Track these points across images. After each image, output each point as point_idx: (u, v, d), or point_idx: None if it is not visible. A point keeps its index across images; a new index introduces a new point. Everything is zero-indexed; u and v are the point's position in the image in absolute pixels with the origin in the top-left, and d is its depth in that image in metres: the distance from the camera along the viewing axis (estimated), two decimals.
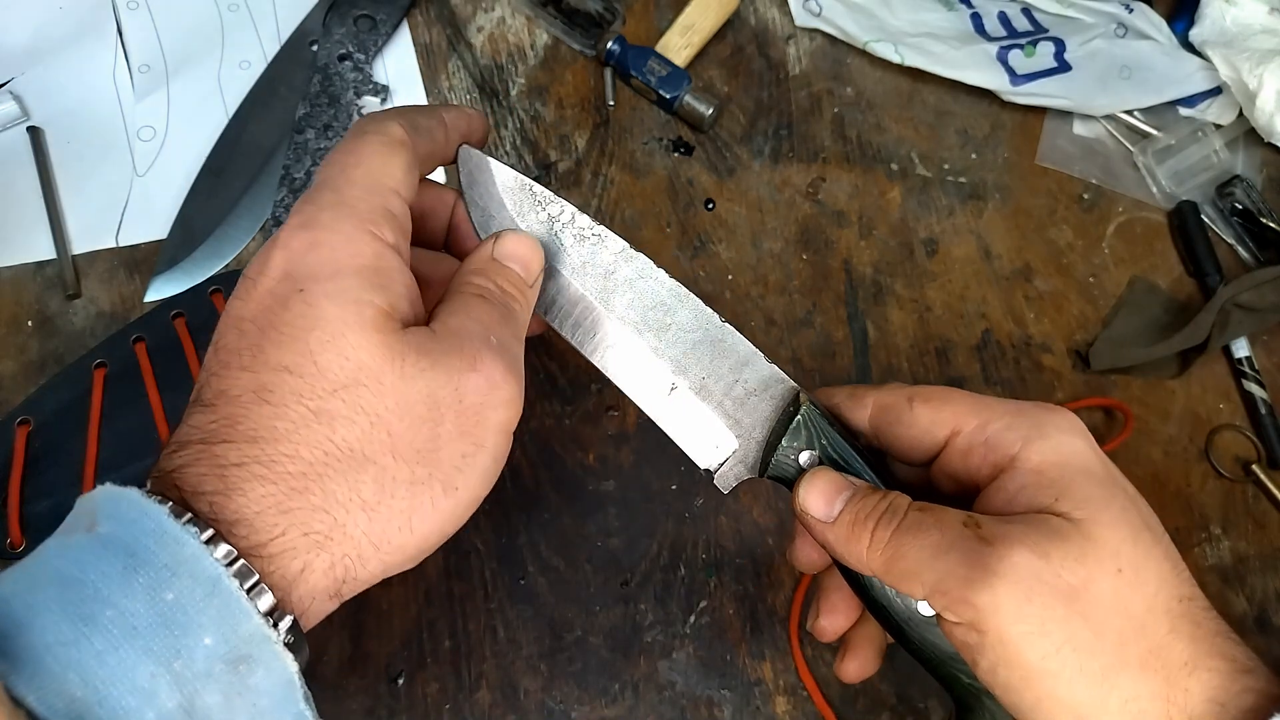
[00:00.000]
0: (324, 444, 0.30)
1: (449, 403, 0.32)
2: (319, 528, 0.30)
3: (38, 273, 0.55)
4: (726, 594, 0.51)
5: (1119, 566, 0.31)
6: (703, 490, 0.53)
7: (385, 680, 0.48)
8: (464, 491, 0.32)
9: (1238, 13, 0.66)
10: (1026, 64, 0.65)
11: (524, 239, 0.37)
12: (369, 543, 0.31)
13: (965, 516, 0.33)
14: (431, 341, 0.32)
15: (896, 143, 0.65)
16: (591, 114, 0.63)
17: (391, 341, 0.31)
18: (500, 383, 0.33)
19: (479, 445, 0.33)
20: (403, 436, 0.31)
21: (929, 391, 0.37)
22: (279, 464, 0.29)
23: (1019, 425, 0.34)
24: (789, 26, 0.68)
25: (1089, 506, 0.32)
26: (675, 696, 0.49)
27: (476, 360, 0.33)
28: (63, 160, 0.58)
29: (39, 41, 0.61)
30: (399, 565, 0.32)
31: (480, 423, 0.33)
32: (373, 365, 0.31)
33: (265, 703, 0.28)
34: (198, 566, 0.27)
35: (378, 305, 0.31)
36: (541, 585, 0.51)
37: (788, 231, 0.61)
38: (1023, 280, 0.62)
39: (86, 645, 0.25)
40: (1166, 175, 0.65)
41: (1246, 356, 0.60)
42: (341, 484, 0.30)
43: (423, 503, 0.31)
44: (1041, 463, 0.33)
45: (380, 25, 0.63)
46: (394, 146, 0.35)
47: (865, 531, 0.34)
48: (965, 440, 0.35)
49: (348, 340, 0.31)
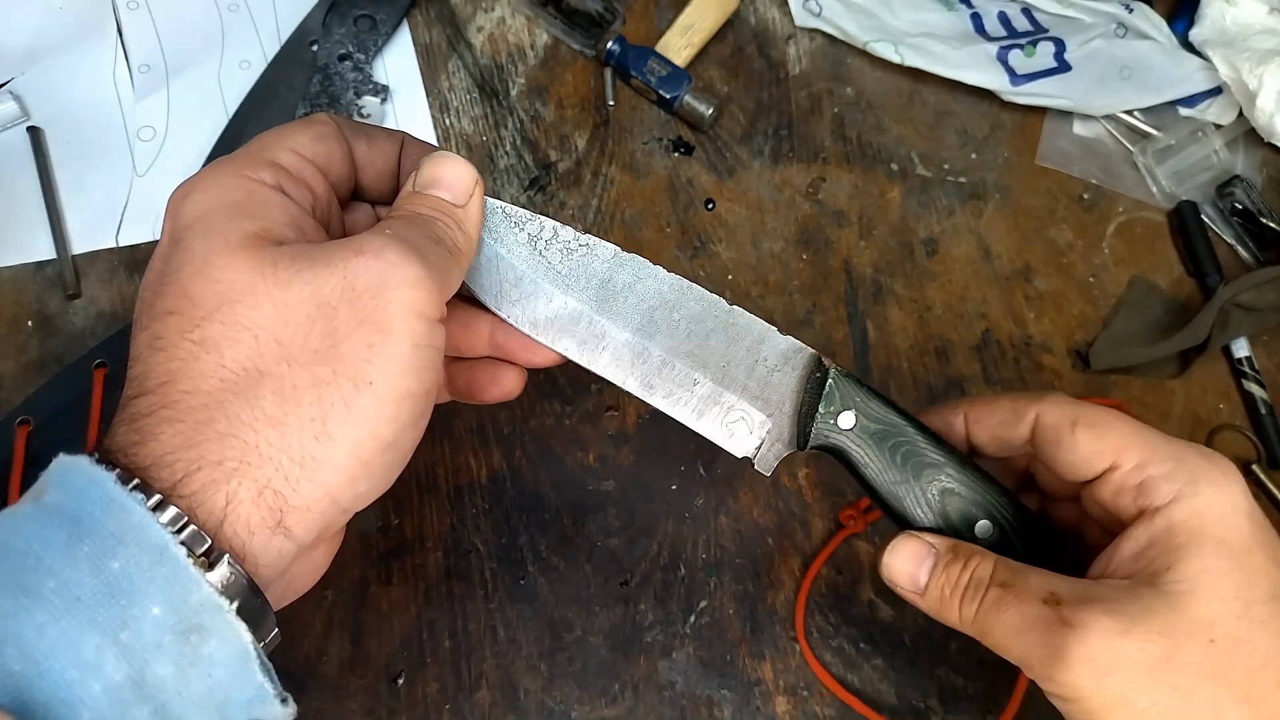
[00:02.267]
0: (217, 371, 0.29)
1: (339, 294, 0.30)
2: (230, 454, 0.29)
3: (38, 273, 0.55)
4: (726, 594, 0.51)
5: (1212, 638, 0.32)
6: (703, 490, 0.53)
7: (385, 680, 0.48)
8: (381, 384, 0.30)
9: (1238, 13, 0.66)
10: (1026, 64, 0.65)
11: (444, 160, 0.35)
12: (289, 460, 0.29)
13: (1047, 593, 0.34)
14: (311, 248, 0.31)
15: (896, 143, 0.65)
16: (591, 114, 0.63)
17: (260, 255, 0.30)
18: (398, 262, 0.31)
19: (384, 330, 0.30)
20: (293, 341, 0.30)
21: (1093, 416, 0.37)
22: (181, 402, 0.29)
23: (1177, 475, 0.34)
24: (789, 26, 0.68)
25: (1198, 579, 0.32)
26: (675, 696, 0.49)
27: (364, 245, 0.31)
28: (63, 160, 0.58)
29: (39, 41, 0.61)
30: (342, 484, 0.30)
31: (381, 306, 0.30)
32: (241, 280, 0.30)
33: (221, 673, 0.27)
34: (144, 534, 0.26)
35: (245, 230, 0.31)
36: (541, 585, 0.51)
37: (788, 231, 0.61)
38: (1023, 280, 0.62)
39: (26, 617, 0.25)
40: (1166, 175, 0.65)
41: (1246, 356, 0.60)
42: (243, 405, 0.29)
43: (333, 403, 0.29)
44: (1178, 523, 0.34)
45: (380, 25, 0.63)
46: (307, 122, 0.35)
47: (954, 606, 0.36)
48: (1120, 478, 0.35)
49: (214, 265, 0.30)
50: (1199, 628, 0.32)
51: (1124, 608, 0.32)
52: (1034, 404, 0.38)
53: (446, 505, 0.52)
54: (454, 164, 0.35)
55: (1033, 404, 0.38)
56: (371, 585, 0.50)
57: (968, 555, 0.36)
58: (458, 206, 0.35)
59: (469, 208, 0.35)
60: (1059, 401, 0.37)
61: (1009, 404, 0.39)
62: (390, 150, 0.38)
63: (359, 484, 0.31)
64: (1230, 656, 0.32)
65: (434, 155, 0.36)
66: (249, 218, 0.31)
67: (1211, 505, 0.34)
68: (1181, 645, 0.32)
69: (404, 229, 0.33)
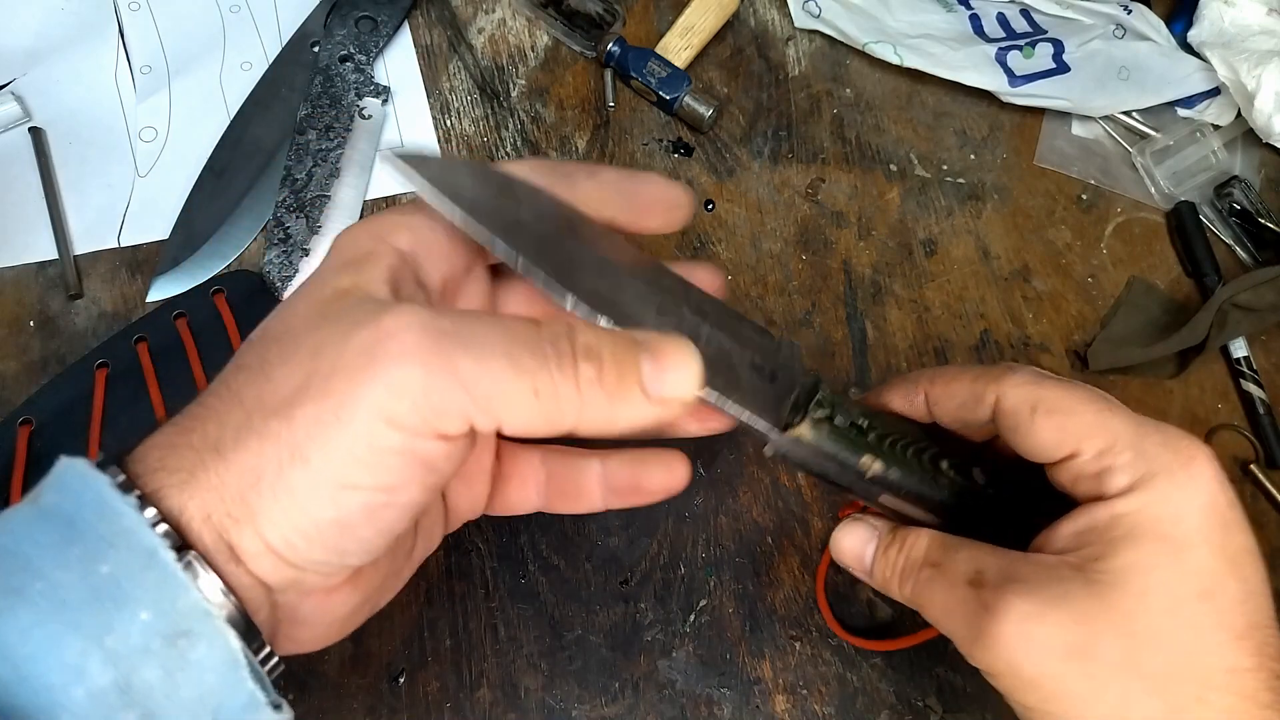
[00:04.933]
0: (225, 388, 0.29)
1: (330, 352, 0.27)
2: (183, 464, 0.27)
3: (39, 273, 0.55)
4: (726, 593, 0.52)
5: (1131, 631, 0.32)
6: (702, 489, 0.54)
7: (386, 679, 0.48)
8: (321, 467, 0.26)
9: (1236, 14, 0.66)
10: (1025, 65, 0.65)
11: (669, 346, 0.29)
12: (233, 497, 0.27)
13: (974, 572, 0.34)
14: (362, 301, 0.28)
15: (895, 144, 0.65)
16: (592, 115, 0.63)
17: (328, 302, 0.29)
18: (398, 356, 0.26)
19: (337, 416, 0.26)
20: (277, 381, 0.27)
21: (1054, 400, 0.35)
22: (190, 410, 0.29)
23: (1134, 466, 0.33)
24: (788, 28, 0.68)
25: (1124, 572, 0.32)
26: (675, 695, 0.49)
27: (383, 314, 0.27)
28: (64, 161, 0.58)
29: (41, 42, 0.61)
30: (285, 546, 0.27)
31: (350, 389, 0.26)
32: (294, 320, 0.29)
33: (211, 679, 0.26)
34: (135, 538, 0.26)
35: (341, 284, 0.29)
36: (542, 584, 0.51)
37: (787, 232, 0.61)
38: (1021, 280, 0.62)
39: (11, 619, 0.24)
40: (1165, 176, 0.65)
41: (1245, 357, 0.60)
42: (214, 423, 0.28)
43: (269, 462, 0.26)
44: (1120, 516, 0.33)
45: (381, 27, 0.63)
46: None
47: (894, 587, 0.38)
48: (1079, 466, 0.34)
49: (294, 309, 0.29)
50: (1119, 619, 0.32)
51: (1042, 590, 0.32)
52: (993, 385, 0.36)
53: None
54: (679, 350, 0.29)
55: (992, 385, 0.36)
56: None
57: (904, 537, 0.38)
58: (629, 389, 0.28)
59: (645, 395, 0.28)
60: (1019, 382, 0.36)
61: (969, 385, 0.37)
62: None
63: (313, 550, 0.28)
64: (1149, 651, 0.32)
65: (672, 339, 0.29)
66: (353, 271, 0.30)
67: (1162, 500, 0.33)
68: (1098, 634, 0.32)
69: (475, 323, 0.27)
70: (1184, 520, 0.33)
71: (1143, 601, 0.32)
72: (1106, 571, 0.32)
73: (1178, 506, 0.33)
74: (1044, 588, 0.33)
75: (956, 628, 0.35)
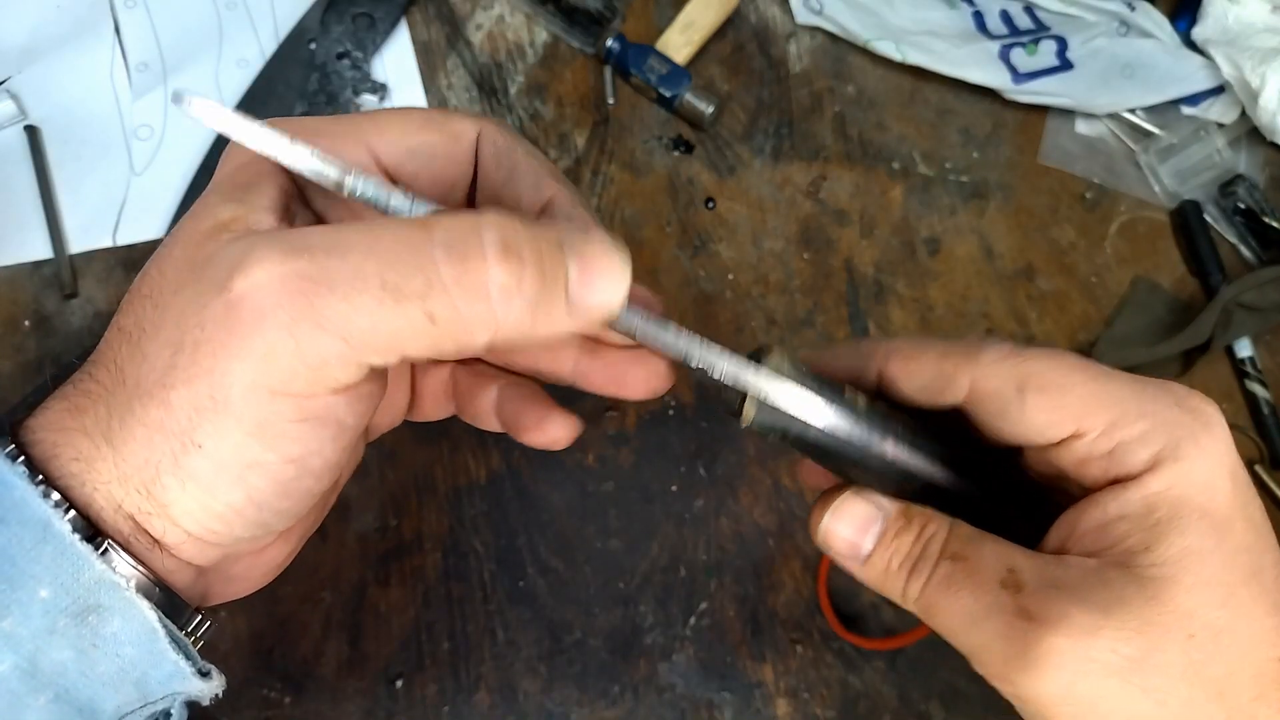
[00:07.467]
0: (111, 362, 0.26)
1: (190, 322, 0.24)
2: (81, 451, 0.25)
3: (35, 272, 0.55)
4: (726, 596, 0.51)
5: (1191, 632, 0.27)
6: (703, 491, 0.53)
7: (384, 682, 0.48)
8: (215, 452, 0.24)
9: (1240, 11, 0.65)
10: (1028, 62, 0.65)
11: (605, 251, 0.25)
12: (138, 489, 0.25)
13: (1005, 573, 0.28)
14: (234, 244, 0.24)
15: (898, 141, 0.65)
16: (591, 112, 0.63)
17: (200, 244, 0.25)
18: (267, 311, 0.23)
19: (213, 399, 0.23)
20: (150, 357, 0.24)
21: (1044, 375, 0.29)
22: (81, 383, 0.26)
23: (1154, 437, 0.28)
24: (790, 24, 0.67)
25: (1178, 563, 0.28)
26: (675, 699, 0.49)
27: (235, 273, 0.23)
28: (60, 159, 0.58)
29: (36, 40, 0.60)
30: (199, 525, 0.25)
31: (216, 365, 0.23)
32: (167, 269, 0.25)
33: (130, 652, 0.25)
34: (25, 510, 0.24)
35: (221, 216, 0.26)
36: (541, 587, 0.51)
37: (788, 230, 0.61)
38: (1025, 280, 0.61)
39: None
40: (1169, 174, 0.65)
41: (1249, 356, 0.60)
42: (104, 405, 0.25)
43: (162, 454, 0.24)
44: (1157, 495, 0.28)
45: (379, 23, 0.63)
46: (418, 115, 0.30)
47: (899, 582, 0.30)
48: (1086, 447, 0.29)
49: (170, 254, 0.26)
50: (1178, 621, 0.27)
51: (1094, 597, 0.27)
52: (967, 365, 0.31)
53: (445, 507, 0.52)
54: (612, 257, 0.25)
55: (965, 365, 0.31)
56: (370, 587, 0.50)
57: (922, 521, 0.31)
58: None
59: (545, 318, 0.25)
60: (998, 358, 0.30)
61: (934, 364, 0.31)
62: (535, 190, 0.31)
63: (234, 529, 0.26)
64: (1209, 651, 0.27)
65: (599, 239, 0.25)
66: (233, 202, 0.26)
67: (1194, 470, 0.28)
68: (1158, 643, 0.27)
69: (345, 250, 0.23)
70: (1218, 490, 0.28)
71: (1200, 594, 0.27)
72: (1156, 564, 0.28)
73: (1209, 475, 0.28)
74: (1095, 593, 0.27)
75: (987, 641, 0.28)
